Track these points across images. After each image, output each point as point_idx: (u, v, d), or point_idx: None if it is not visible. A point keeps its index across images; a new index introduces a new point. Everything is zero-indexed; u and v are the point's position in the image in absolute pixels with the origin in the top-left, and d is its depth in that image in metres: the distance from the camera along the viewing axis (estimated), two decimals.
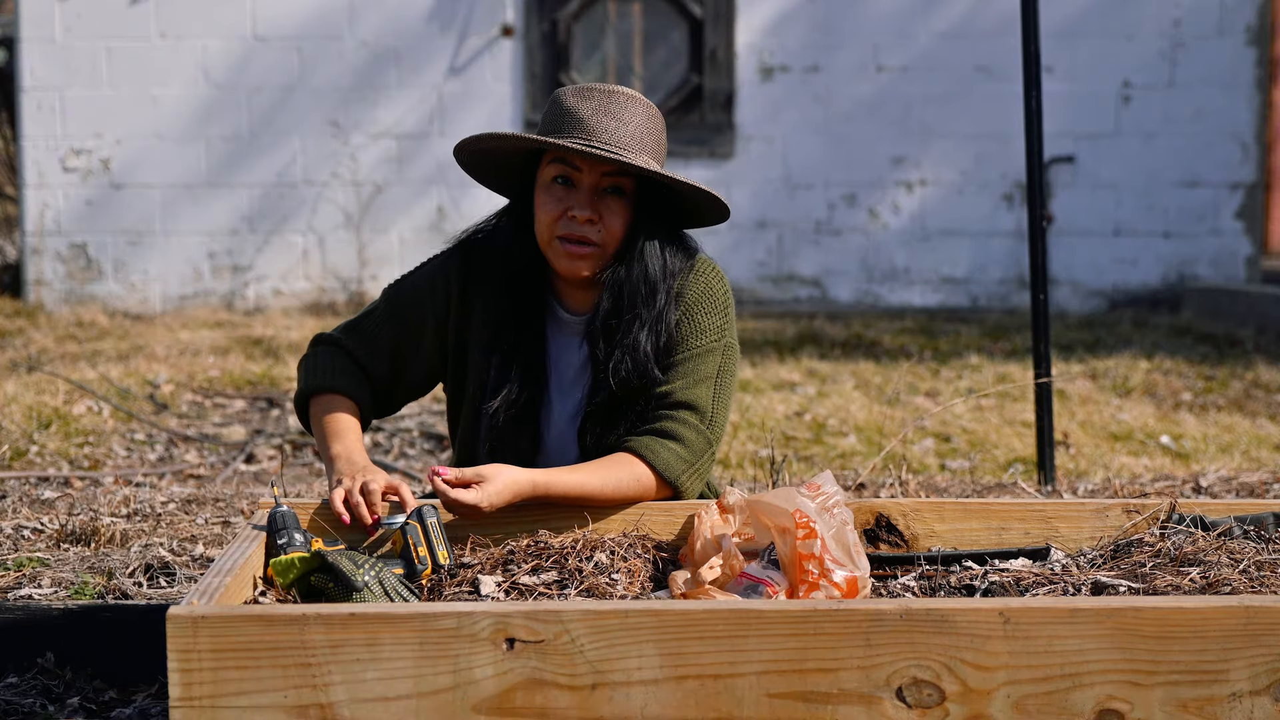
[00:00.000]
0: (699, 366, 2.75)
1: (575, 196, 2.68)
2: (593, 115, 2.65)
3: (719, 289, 2.81)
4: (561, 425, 2.83)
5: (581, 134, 2.65)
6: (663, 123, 2.75)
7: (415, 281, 2.90)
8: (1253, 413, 6.28)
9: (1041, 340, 4.31)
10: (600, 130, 2.64)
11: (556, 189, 2.69)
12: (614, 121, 2.65)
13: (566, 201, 2.68)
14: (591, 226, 2.68)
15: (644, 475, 2.68)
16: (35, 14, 9.20)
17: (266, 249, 9.50)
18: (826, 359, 7.55)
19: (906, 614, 2.05)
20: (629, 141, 2.65)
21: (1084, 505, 2.72)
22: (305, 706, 2.02)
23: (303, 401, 2.88)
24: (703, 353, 2.76)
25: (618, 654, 2.04)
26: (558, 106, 2.71)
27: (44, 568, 3.48)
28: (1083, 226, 9.67)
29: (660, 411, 2.73)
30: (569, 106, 2.68)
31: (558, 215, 2.69)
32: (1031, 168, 4.33)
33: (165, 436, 5.54)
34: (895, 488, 4.16)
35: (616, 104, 2.67)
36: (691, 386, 2.74)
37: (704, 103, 9.52)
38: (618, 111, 2.66)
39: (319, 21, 9.36)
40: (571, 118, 2.67)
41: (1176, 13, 9.53)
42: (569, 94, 2.71)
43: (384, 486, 2.58)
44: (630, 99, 2.69)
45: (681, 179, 2.65)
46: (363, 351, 2.87)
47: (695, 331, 2.76)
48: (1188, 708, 2.06)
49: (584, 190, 2.67)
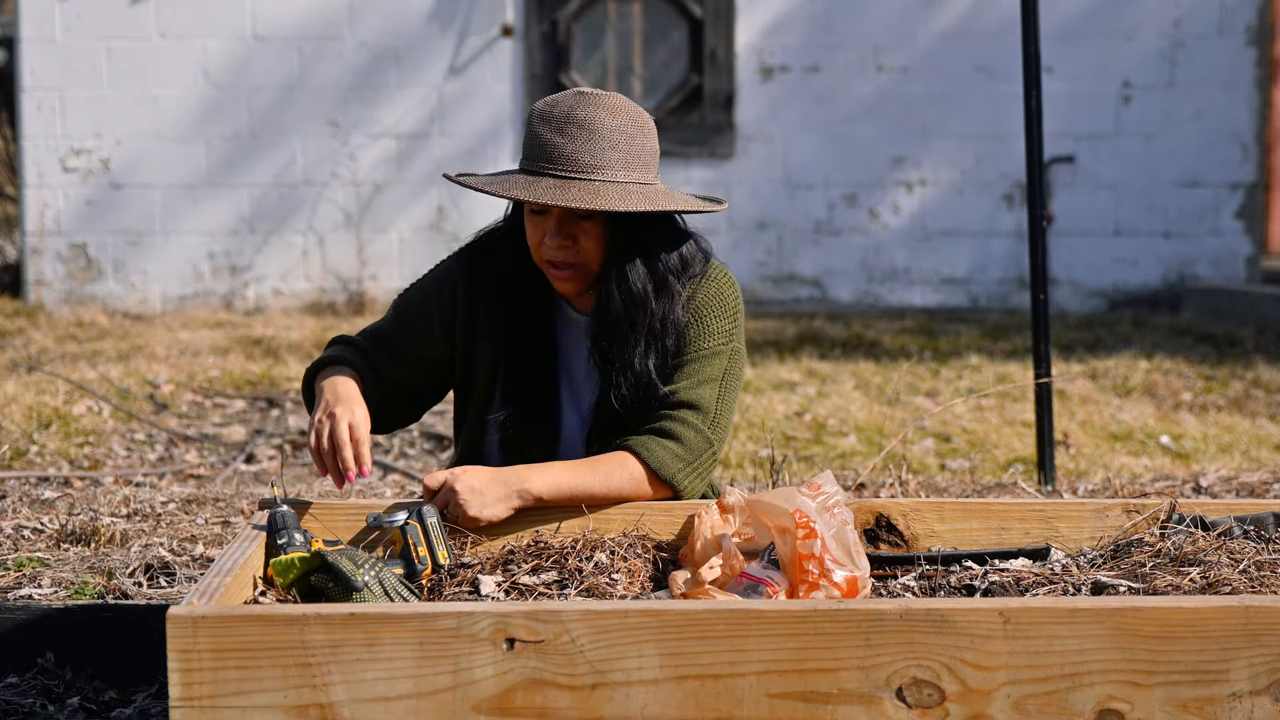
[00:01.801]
0: (704, 368, 2.75)
1: (548, 224, 2.69)
2: (551, 139, 2.63)
3: (730, 294, 2.82)
4: (573, 428, 2.84)
5: (543, 163, 2.63)
6: (641, 120, 2.69)
7: (423, 288, 2.91)
8: (1253, 413, 6.28)
9: (1041, 340, 4.31)
10: (557, 157, 2.62)
11: (533, 217, 2.71)
12: (572, 143, 2.61)
13: (542, 229, 2.70)
14: (567, 251, 2.69)
15: (638, 473, 2.68)
16: (35, 14, 9.20)
17: (266, 249, 9.50)
18: (826, 359, 7.55)
19: (906, 614, 2.05)
20: (589, 161, 2.62)
21: (1084, 505, 2.72)
22: (305, 706, 2.02)
23: (308, 383, 2.85)
24: (709, 355, 2.76)
25: (618, 654, 2.04)
26: (529, 129, 2.69)
27: (44, 568, 3.48)
28: (1083, 226, 9.67)
29: (662, 411, 2.73)
30: (534, 131, 2.67)
31: (537, 242, 2.71)
32: (1031, 168, 4.33)
33: (165, 436, 5.54)
34: (895, 488, 4.16)
35: (577, 119, 2.63)
36: (695, 387, 2.74)
37: (704, 103, 9.52)
38: (579, 127, 2.62)
39: (319, 21, 9.36)
40: (536, 144, 2.65)
41: (1176, 13, 9.53)
42: (536, 113, 2.68)
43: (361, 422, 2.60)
44: (597, 107, 2.64)
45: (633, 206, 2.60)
46: (373, 350, 2.88)
47: (703, 334, 2.77)
48: (1188, 708, 2.06)
49: (553, 218, 2.68)
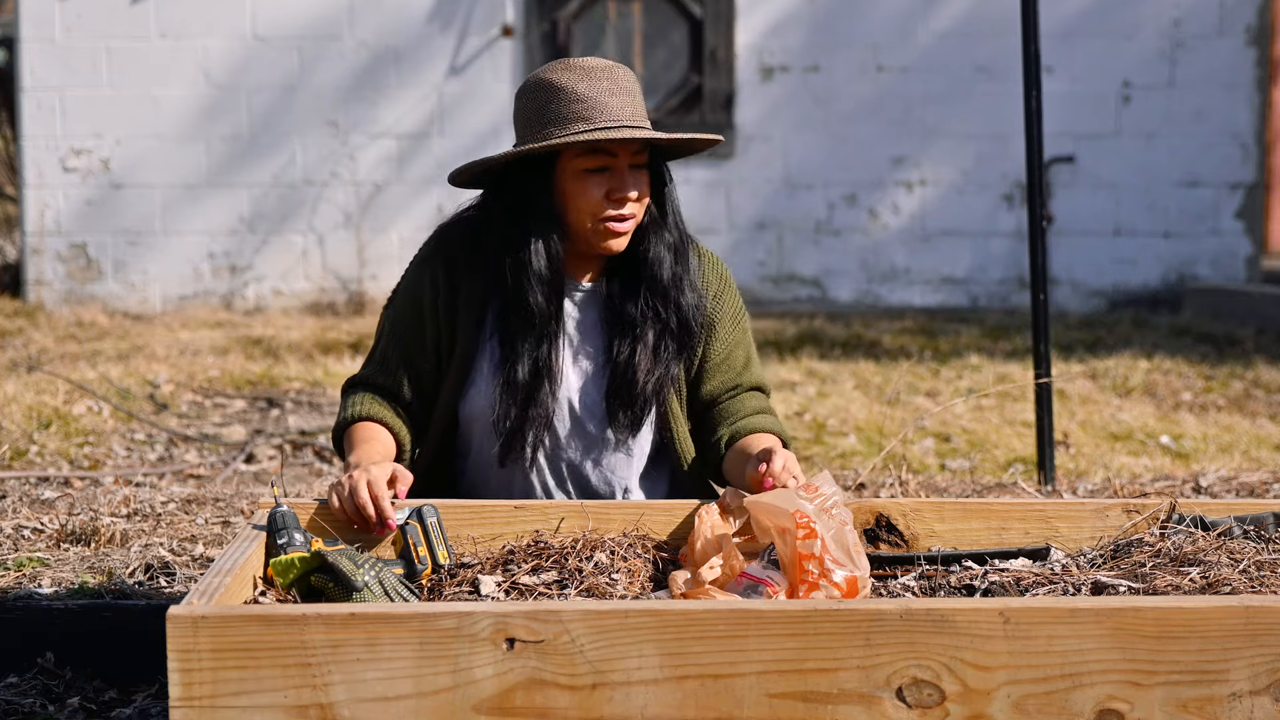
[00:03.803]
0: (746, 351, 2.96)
1: (615, 179, 2.75)
2: (607, 96, 2.72)
3: (721, 268, 2.98)
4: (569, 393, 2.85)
5: (608, 118, 2.71)
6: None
7: (402, 293, 2.91)
8: (1253, 413, 6.28)
9: (1041, 340, 4.31)
10: (621, 112, 2.73)
11: (592, 176, 2.75)
12: (626, 99, 2.74)
13: (607, 185, 2.75)
14: (636, 204, 2.77)
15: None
16: (35, 14, 9.20)
17: (266, 249, 9.50)
18: (826, 359, 7.55)
19: (906, 614, 2.05)
20: (642, 115, 2.77)
21: (1084, 505, 2.72)
22: (305, 706, 2.02)
23: (337, 445, 2.89)
24: (741, 334, 2.96)
25: (618, 654, 2.04)
26: (560, 93, 2.72)
27: (44, 568, 3.48)
28: (1083, 226, 9.67)
29: (741, 399, 2.91)
30: (579, 92, 2.72)
31: (601, 199, 2.75)
32: (1031, 168, 4.33)
33: (165, 436, 5.54)
34: (895, 488, 4.16)
35: (617, 81, 2.75)
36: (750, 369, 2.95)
37: (704, 103, 9.52)
38: (624, 89, 2.75)
39: (319, 21, 9.36)
40: (588, 103, 2.71)
41: (1176, 13, 9.53)
42: (568, 76, 2.73)
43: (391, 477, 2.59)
44: (626, 73, 2.78)
45: (683, 135, 2.81)
46: (384, 378, 2.89)
47: (730, 318, 2.93)
48: (1188, 708, 2.06)
49: (622, 172, 2.75)
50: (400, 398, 2.88)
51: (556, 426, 2.85)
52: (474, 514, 2.66)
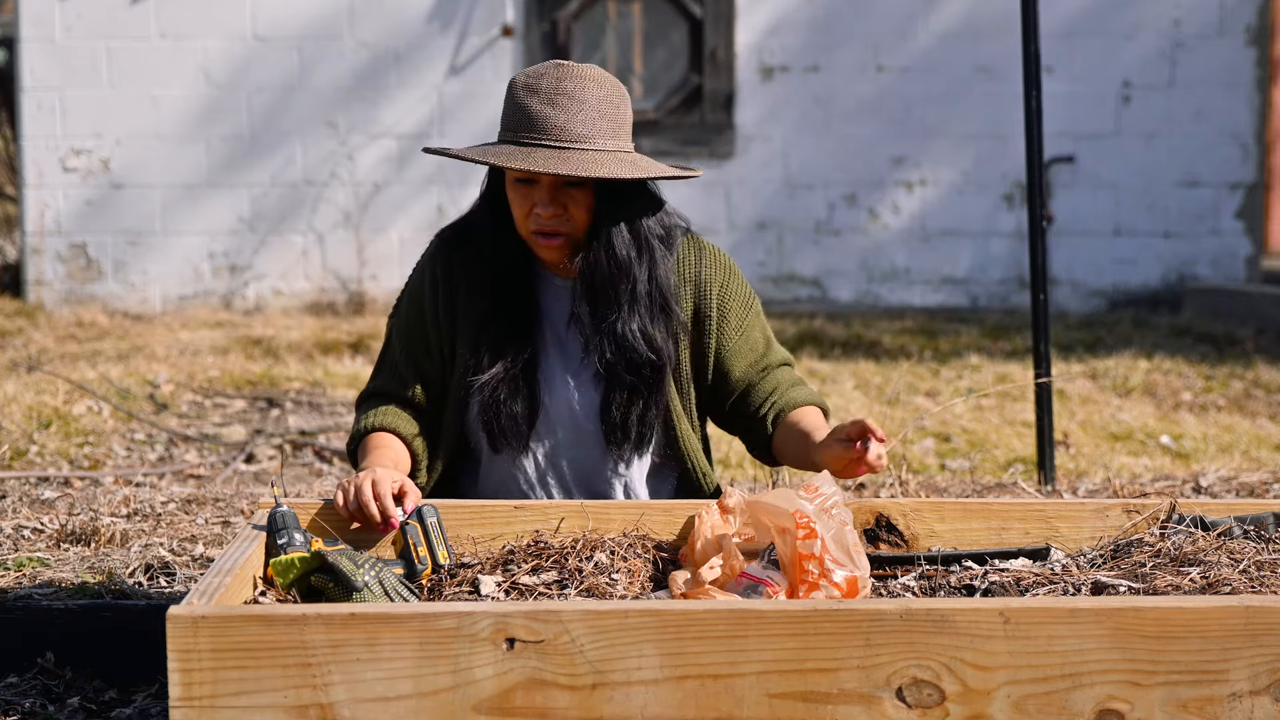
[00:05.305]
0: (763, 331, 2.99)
1: (537, 193, 2.71)
2: (542, 110, 2.65)
3: (723, 258, 2.96)
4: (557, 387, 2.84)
5: (533, 133, 2.66)
6: (621, 93, 2.73)
7: (406, 298, 2.94)
8: (1253, 413, 6.28)
9: (1041, 340, 4.31)
10: (550, 128, 2.65)
11: (520, 187, 2.73)
12: (563, 113, 2.65)
13: (530, 199, 2.72)
14: (558, 219, 2.72)
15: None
16: (35, 14, 9.20)
17: (266, 249, 9.50)
18: (826, 359, 7.55)
19: (906, 614, 2.05)
20: (581, 131, 2.66)
21: (1084, 505, 2.72)
22: (305, 706, 2.02)
23: (352, 458, 2.90)
24: (755, 316, 2.98)
25: (618, 654, 2.04)
26: (511, 101, 2.71)
27: (44, 568, 3.48)
28: (1083, 226, 9.67)
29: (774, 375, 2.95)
30: (520, 103, 2.68)
31: (526, 212, 2.74)
32: (1031, 168, 4.33)
33: (165, 436, 5.54)
34: (895, 488, 4.17)
35: (566, 90, 2.66)
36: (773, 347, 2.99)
37: (704, 103, 9.52)
38: (569, 98, 2.66)
39: (319, 21, 9.36)
40: (523, 115, 2.67)
41: (1176, 13, 9.53)
42: (520, 86, 2.70)
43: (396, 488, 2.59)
44: (581, 78, 2.68)
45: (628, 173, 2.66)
46: (395, 386, 2.90)
47: (741, 303, 2.95)
48: (1188, 708, 2.06)
49: (544, 188, 2.71)
50: (414, 404, 2.89)
51: (555, 425, 2.85)
52: (474, 514, 2.67)
